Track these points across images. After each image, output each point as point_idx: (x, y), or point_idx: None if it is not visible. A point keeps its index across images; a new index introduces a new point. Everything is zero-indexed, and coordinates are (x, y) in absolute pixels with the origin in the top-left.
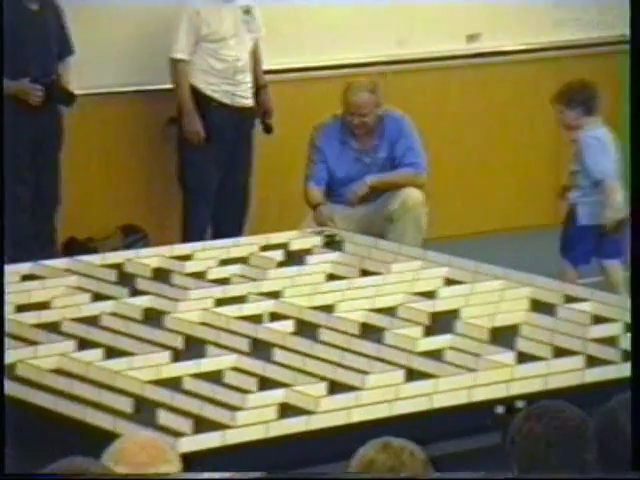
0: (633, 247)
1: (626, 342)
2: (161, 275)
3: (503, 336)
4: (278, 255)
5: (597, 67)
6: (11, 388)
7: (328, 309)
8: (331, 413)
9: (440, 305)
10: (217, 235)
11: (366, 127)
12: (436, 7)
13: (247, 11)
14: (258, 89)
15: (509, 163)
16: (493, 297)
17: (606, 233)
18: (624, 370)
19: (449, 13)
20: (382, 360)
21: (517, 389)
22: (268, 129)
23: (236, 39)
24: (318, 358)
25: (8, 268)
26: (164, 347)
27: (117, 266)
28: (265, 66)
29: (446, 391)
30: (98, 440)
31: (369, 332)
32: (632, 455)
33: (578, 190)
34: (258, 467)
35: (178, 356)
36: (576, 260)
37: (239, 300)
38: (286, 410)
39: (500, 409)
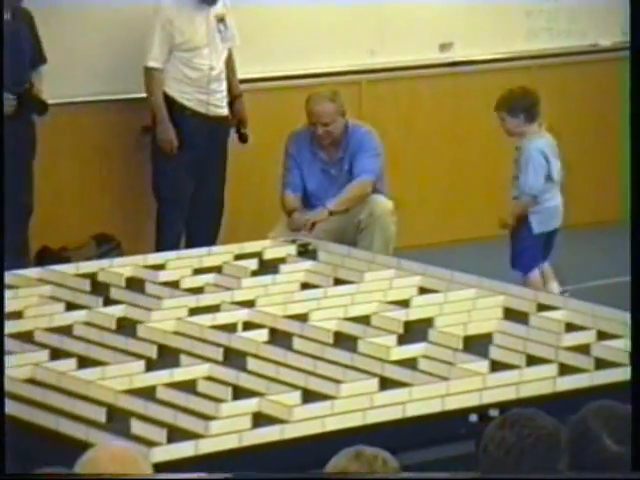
0: (633, 248)
1: (598, 350)
2: (135, 284)
3: (476, 344)
4: (252, 264)
5: (569, 76)
6: None
7: (302, 318)
8: (305, 422)
9: (414, 314)
10: (191, 244)
11: (331, 137)
12: (409, 16)
13: (221, 20)
14: (232, 98)
15: (481, 171)
16: (466, 306)
17: (551, 239)
18: (597, 378)
19: (422, 22)
20: (356, 369)
21: (490, 397)
22: (243, 138)
23: (210, 48)
24: (292, 367)
25: None
26: (138, 356)
27: (91, 275)
28: (240, 75)
29: (420, 400)
30: (72, 450)
31: (343, 341)
32: (632, 455)
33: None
34: None
35: (152, 365)
36: (527, 268)
37: (213, 309)
38: (260, 419)
39: (473, 417)
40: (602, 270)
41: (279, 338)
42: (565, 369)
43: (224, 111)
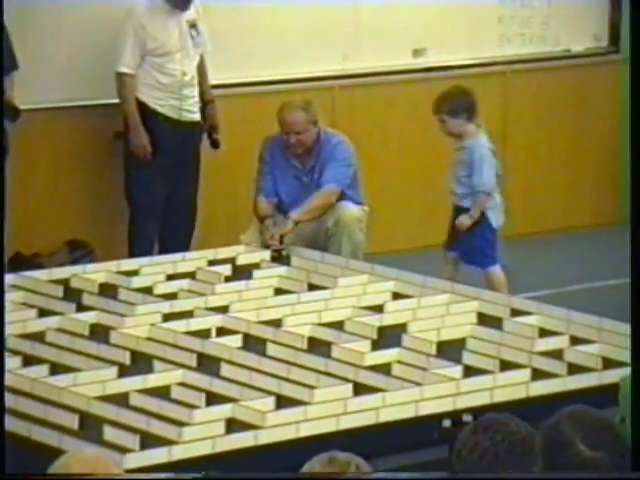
0: (633, 250)
1: (571, 355)
2: (108, 290)
3: (450, 350)
4: (225, 270)
5: (542, 81)
6: None
7: (275, 323)
8: (278, 428)
9: (387, 319)
10: (164, 250)
11: (303, 146)
12: (382, 22)
13: (193, 25)
14: (205, 104)
15: None
16: (440, 311)
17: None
18: (569, 383)
19: (395, 28)
20: (329, 374)
21: (464, 403)
22: (215, 144)
23: (182, 53)
24: (265, 373)
25: None
26: (110, 363)
27: (63, 282)
28: (213, 81)
29: (393, 405)
30: (44, 457)
31: (317, 346)
32: (632, 455)
33: (469, 196)
34: None
35: (124, 372)
36: (490, 263)
37: (186, 315)
38: (233, 425)
39: (447, 423)
40: (576, 275)
41: (253, 344)
42: (538, 374)
43: (197, 116)
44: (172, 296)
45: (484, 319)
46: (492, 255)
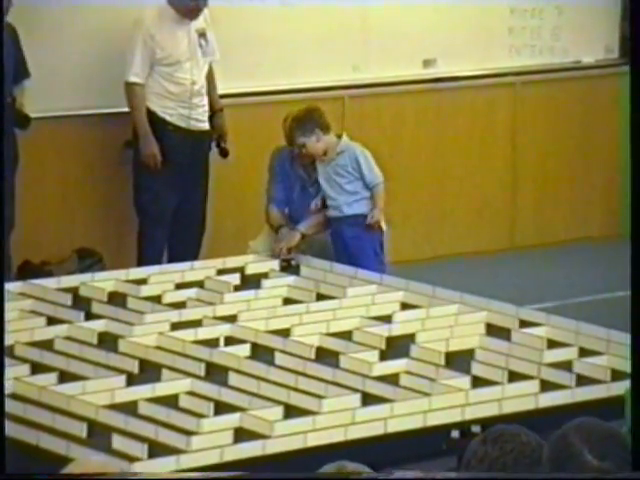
0: (633, 251)
1: (580, 367)
2: (117, 299)
3: (458, 360)
4: (234, 279)
5: (552, 92)
6: None
7: (284, 333)
8: (286, 438)
9: (396, 329)
10: (173, 259)
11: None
12: (392, 32)
13: (202, 34)
14: (213, 112)
15: (465, 188)
16: (449, 321)
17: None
18: (578, 395)
19: (405, 38)
20: (338, 384)
21: (472, 413)
22: (224, 153)
23: (191, 62)
24: (274, 382)
25: None
26: (119, 371)
27: (72, 290)
28: (221, 90)
29: (401, 415)
30: (52, 465)
31: (325, 356)
32: (632, 455)
33: (357, 201)
34: None
35: (133, 380)
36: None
37: (195, 324)
38: (241, 435)
39: (455, 433)
40: (585, 286)
41: (261, 353)
42: (547, 385)
43: (206, 125)
44: (181, 305)
45: (493, 330)
46: (381, 263)
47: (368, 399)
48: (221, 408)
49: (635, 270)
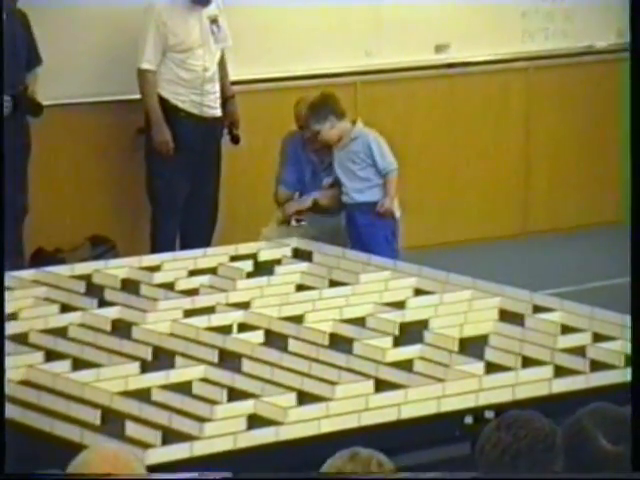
0: (633, 253)
1: (594, 352)
2: (130, 286)
3: (472, 346)
4: (247, 266)
5: (565, 77)
6: None
7: (297, 320)
8: (300, 424)
9: (409, 315)
10: (186, 246)
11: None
12: (405, 18)
13: (214, 21)
14: (225, 99)
15: (478, 173)
16: (462, 307)
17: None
18: (592, 380)
19: (418, 24)
20: (351, 370)
21: (486, 399)
22: (235, 140)
23: (203, 49)
24: (287, 369)
25: None
26: (133, 358)
27: (85, 277)
28: (233, 77)
29: (415, 401)
30: (66, 452)
31: (338, 342)
32: (632, 455)
33: (369, 188)
34: None
35: (146, 367)
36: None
37: (208, 311)
38: (255, 421)
39: (469, 419)
40: (599, 272)
41: (274, 340)
42: (561, 371)
43: (218, 112)
44: (194, 292)
45: (506, 315)
46: (394, 248)
47: (381, 385)
48: (234, 395)
49: (635, 257)
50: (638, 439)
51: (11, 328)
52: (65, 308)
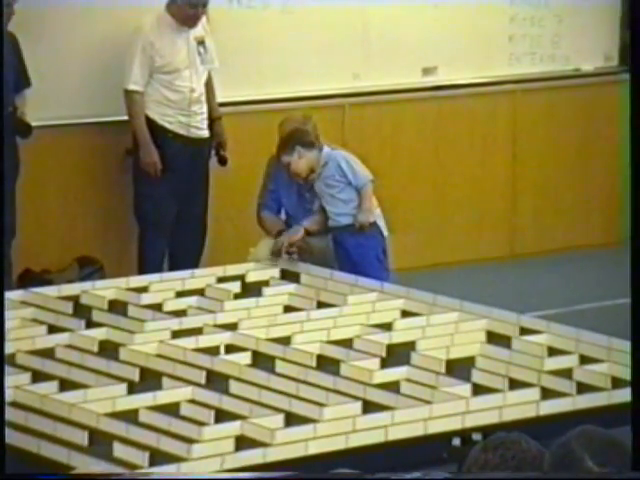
0: (633, 254)
1: (580, 374)
2: (117, 307)
3: (459, 368)
4: (235, 287)
5: (552, 100)
6: None
7: (284, 341)
8: (287, 445)
9: (396, 337)
10: (173, 267)
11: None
12: (392, 40)
13: (201, 42)
14: (212, 121)
15: (465, 195)
16: (449, 329)
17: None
18: (579, 402)
19: (405, 46)
20: (338, 392)
21: (473, 421)
22: (223, 161)
23: (190, 70)
24: (275, 390)
25: None
26: (120, 379)
27: (73, 298)
28: (221, 98)
29: (402, 423)
30: (54, 473)
31: (325, 364)
32: (632, 455)
33: (354, 208)
34: None
35: (134, 388)
36: (385, 275)
37: (195, 332)
38: (242, 442)
39: (456, 441)
40: (586, 294)
41: (262, 361)
42: (547, 393)
43: (205, 133)
44: (181, 313)
45: (493, 337)
46: (383, 269)
47: (369, 407)
48: (222, 416)
49: (635, 275)
50: (638, 439)
51: None
52: (52, 329)
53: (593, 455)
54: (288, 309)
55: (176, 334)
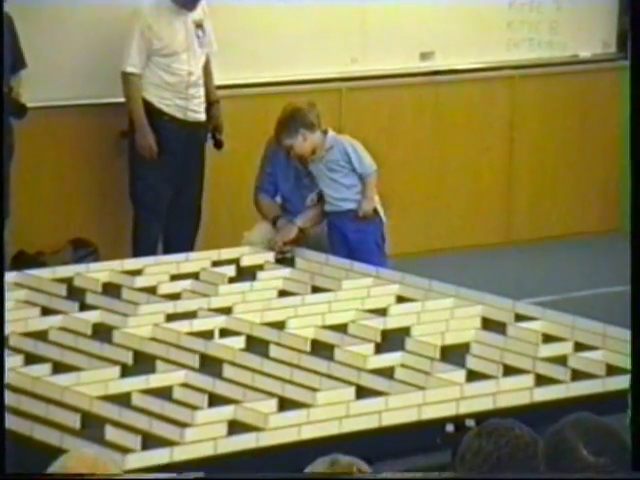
0: (633, 255)
1: (575, 361)
2: (111, 290)
3: (454, 354)
4: (229, 270)
5: (550, 86)
6: None
7: (279, 325)
8: (281, 430)
9: (391, 322)
10: (168, 250)
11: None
12: (390, 25)
13: (199, 25)
14: (209, 104)
15: (461, 181)
16: (444, 315)
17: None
18: (573, 389)
19: (403, 31)
20: (332, 377)
21: (467, 407)
22: (218, 144)
23: (188, 53)
24: (268, 375)
25: None
26: (113, 362)
27: (67, 280)
28: (220, 81)
29: (396, 409)
30: (45, 456)
31: (320, 349)
32: (632, 455)
33: (356, 193)
34: None
35: (127, 372)
36: (384, 261)
37: (190, 316)
38: (235, 427)
39: (450, 427)
40: (581, 281)
41: (256, 345)
42: (542, 380)
43: (202, 116)
44: (175, 296)
45: (488, 324)
46: (383, 255)
47: (363, 392)
48: (215, 400)
49: (635, 263)
50: (638, 439)
51: None
52: (46, 311)
53: (587, 444)
54: (283, 293)
55: (170, 317)
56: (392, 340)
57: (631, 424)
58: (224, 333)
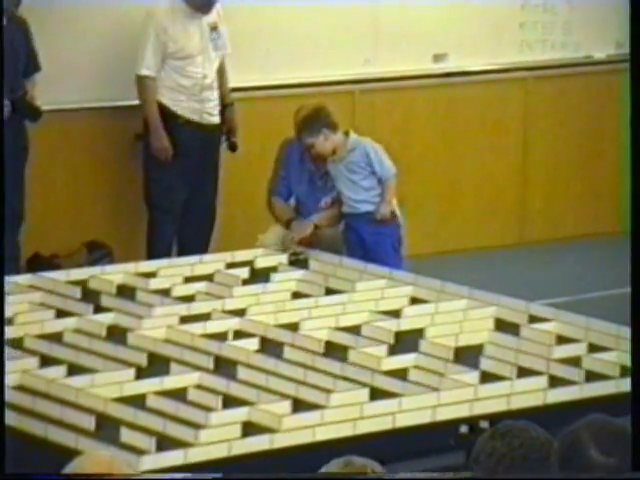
0: (633, 255)
1: (589, 362)
2: (126, 292)
3: (467, 356)
4: (243, 273)
5: (563, 87)
6: None
7: (293, 327)
8: (295, 432)
9: (405, 324)
10: (182, 252)
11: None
12: (403, 26)
13: (214, 28)
14: (224, 107)
15: (475, 182)
16: (458, 316)
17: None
18: (587, 391)
19: (416, 33)
20: (346, 379)
21: (481, 409)
22: (233, 147)
23: (203, 56)
24: (282, 376)
25: None
26: (128, 364)
27: (81, 283)
28: (234, 84)
29: (410, 410)
30: (61, 458)
31: (333, 351)
32: (632, 455)
33: (375, 196)
34: None
35: (142, 374)
36: (400, 263)
37: (204, 318)
38: (249, 428)
39: (464, 429)
40: (595, 282)
41: (270, 347)
42: (555, 381)
43: (216, 119)
44: (190, 298)
45: (502, 325)
46: (399, 257)
47: (376, 394)
48: (229, 402)
49: (635, 267)
50: (638, 439)
51: (6, 333)
52: (61, 313)
53: (599, 445)
54: (296, 295)
55: (184, 319)
56: (406, 341)
57: (632, 424)
58: (238, 335)
